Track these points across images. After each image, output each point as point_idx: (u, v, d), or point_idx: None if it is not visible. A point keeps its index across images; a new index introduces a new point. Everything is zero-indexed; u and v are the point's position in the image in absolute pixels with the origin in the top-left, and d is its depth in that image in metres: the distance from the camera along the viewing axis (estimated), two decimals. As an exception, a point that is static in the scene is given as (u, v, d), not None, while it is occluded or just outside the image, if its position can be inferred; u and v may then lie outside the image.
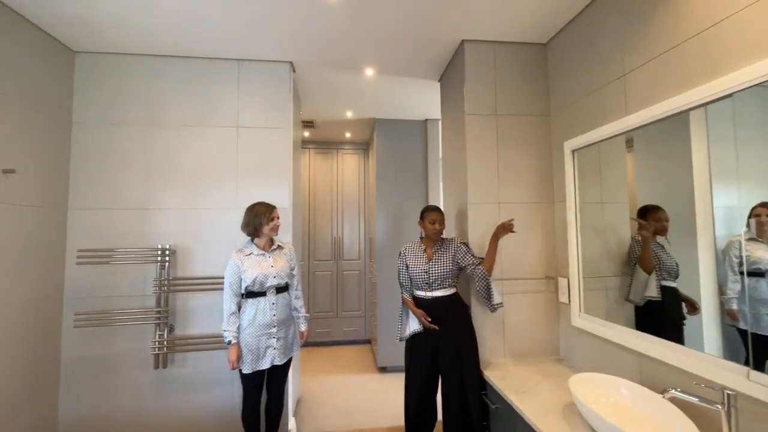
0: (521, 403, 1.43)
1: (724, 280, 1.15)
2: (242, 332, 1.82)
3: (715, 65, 1.14)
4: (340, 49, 2.16)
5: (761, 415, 1.01)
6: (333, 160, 4.35)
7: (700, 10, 1.19)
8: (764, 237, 1.06)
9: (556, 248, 2.01)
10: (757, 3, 1.03)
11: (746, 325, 1.08)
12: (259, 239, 1.92)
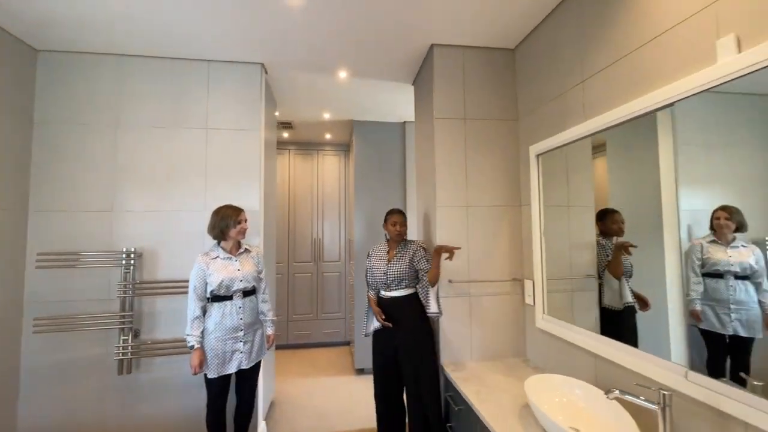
0: (480, 404, 1.45)
1: (686, 281, 1.18)
2: (208, 336, 1.79)
3: (657, 76, 1.18)
4: (311, 52, 2.16)
5: (697, 413, 1.05)
6: (313, 161, 4.34)
7: (644, 23, 1.23)
8: (723, 239, 1.10)
9: (522, 250, 2.04)
10: (690, 18, 1.07)
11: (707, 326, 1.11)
12: (226, 242, 1.90)
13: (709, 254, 1.13)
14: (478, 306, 2.00)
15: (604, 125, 1.41)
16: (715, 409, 1.00)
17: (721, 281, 1.09)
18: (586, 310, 1.59)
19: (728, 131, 1.03)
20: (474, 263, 2.01)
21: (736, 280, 1.07)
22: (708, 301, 1.12)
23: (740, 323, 1.03)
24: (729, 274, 1.07)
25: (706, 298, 1.12)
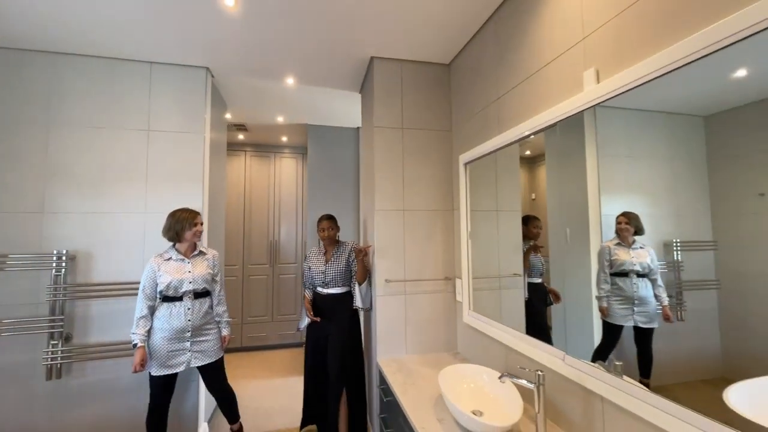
0: (402, 395, 1.57)
1: (597, 280, 1.30)
2: (154, 335, 1.82)
3: (547, 98, 1.35)
4: (256, 59, 2.21)
5: (570, 390, 1.22)
6: (270, 163, 4.34)
7: (538, 52, 1.41)
8: (625, 242, 1.27)
9: (455, 252, 2.19)
10: (566, 52, 1.25)
11: (611, 320, 1.23)
12: (181, 244, 1.93)
13: (616, 255, 1.27)
14: (413, 304, 2.13)
15: (509, 140, 1.59)
16: (582, 386, 1.17)
17: (627, 279, 1.23)
18: (512, 305, 1.75)
19: (644, 144, 1.11)
20: (410, 263, 2.14)
21: (638, 278, 1.20)
22: (615, 297, 1.24)
23: (642, 316, 1.16)
24: (632, 272, 1.20)
25: (614, 294, 1.25)
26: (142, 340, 1.78)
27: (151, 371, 1.81)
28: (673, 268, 1.02)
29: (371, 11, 1.74)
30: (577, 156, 1.31)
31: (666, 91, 0.96)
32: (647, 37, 0.96)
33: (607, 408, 1.09)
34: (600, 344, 1.27)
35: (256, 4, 1.69)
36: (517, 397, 1.28)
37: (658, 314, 1.09)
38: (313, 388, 2.20)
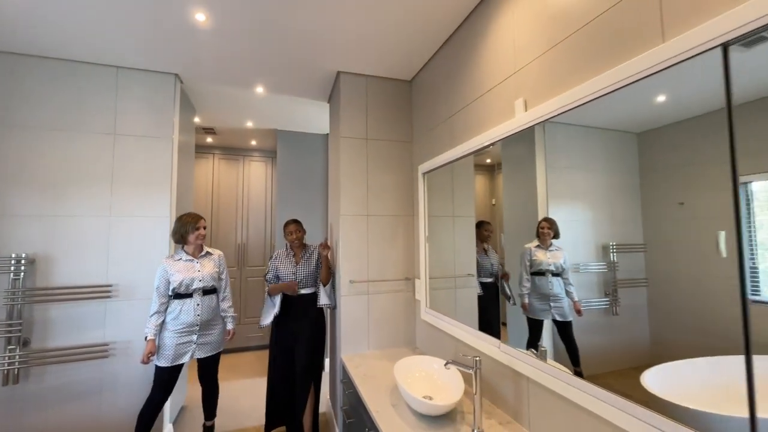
0: (362, 385, 1.71)
1: (520, 279, 1.46)
2: (166, 329, 2.02)
3: (488, 120, 1.56)
4: (226, 68, 2.29)
5: (504, 373, 1.42)
6: (239, 166, 4.35)
7: (481, 79, 1.61)
8: (544, 244, 1.46)
9: (414, 254, 2.37)
10: (502, 83, 1.45)
11: (531, 314, 1.40)
12: (188, 246, 2.14)
13: (536, 256, 1.46)
14: (375, 302, 2.28)
15: (458, 155, 1.78)
16: (513, 369, 1.36)
17: (543, 278, 1.39)
18: (465, 302, 1.92)
19: (584, 156, 1.19)
20: (373, 265, 2.29)
21: (552, 277, 1.37)
22: (535, 295, 1.42)
23: (558, 311, 1.32)
24: (548, 272, 1.37)
25: (534, 292, 1.42)
26: (154, 334, 1.97)
27: (159, 363, 1.99)
28: (610, 268, 1.09)
29: (337, 32, 1.88)
30: (529, 166, 1.40)
31: (599, 110, 1.07)
32: (563, 75, 1.18)
33: (532, 386, 1.29)
34: (529, 337, 1.40)
35: (227, 21, 1.79)
36: (460, 381, 1.46)
37: (571, 308, 1.23)
38: (280, 387, 2.29)
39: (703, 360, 0.80)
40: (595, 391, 1.01)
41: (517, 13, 1.39)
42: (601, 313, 1.11)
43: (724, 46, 0.73)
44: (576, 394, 1.07)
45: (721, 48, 0.73)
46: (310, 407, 2.29)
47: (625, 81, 0.93)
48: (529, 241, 1.43)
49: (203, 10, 1.70)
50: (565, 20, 1.16)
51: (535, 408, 1.27)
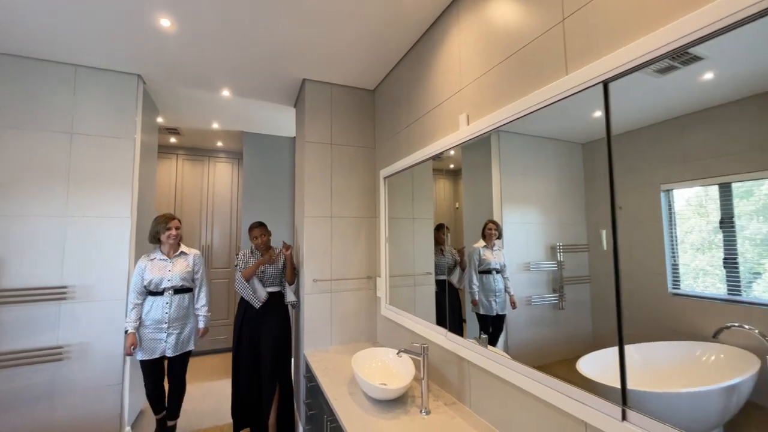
0: (323, 377, 1.82)
1: (469, 278, 1.59)
2: (142, 324, 2.14)
3: (439, 131, 1.72)
4: (191, 72, 2.32)
5: (449, 359, 1.57)
6: (204, 167, 4.31)
7: (434, 93, 1.77)
8: (490, 244, 1.62)
9: (376, 253, 2.50)
10: (450, 98, 1.62)
11: (482, 311, 1.51)
12: (163, 246, 2.23)
13: (484, 256, 1.62)
14: (339, 300, 2.38)
15: (413, 162, 1.94)
16: (457, 355, 1.52)
17: (489, 276, 1.52)
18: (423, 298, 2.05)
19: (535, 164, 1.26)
20: (336, 264, 2.39)
21: (496, 274, 1.50)
22: (483, 291, 1.53)
23: (499, 305, 1.45)
24: (494, 270, 1.51)
25: (482, 289, 1.53)
26: (133, 327, 2.10)
27: (137, 356, 2.13)
28: (557, 267, 1.16)
29: (304, 42, 1.98)
30: (486, 171, 1.47)
31: (546, 122, 1.15)
32: (498, 94, 1.35)
33: (472, 369, 1.45)
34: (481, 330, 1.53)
35: (193, 27, 1.84)
36: (411, 368, 1.60)
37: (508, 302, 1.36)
38: (246, 387, 2.32)
39: (632, 346, 0.90)
40: (524, 369, 1.18)
41: (463, 36, 1.56)
42: (550, 308, 1.19)
43: (605, 83, 0.92)
44: (508, 374, 1.23)
45: (602, 84, 0.92)
46: (275, 407, 2.34)
47: (545, 102, 1.11)
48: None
49: (168, 15, 1.74)
50: (500, 48, 1.33)
51: (475, 389, 1.43)
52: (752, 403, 0.72)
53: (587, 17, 0.99)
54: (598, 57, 0.95)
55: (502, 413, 1.28)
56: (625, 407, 0.86)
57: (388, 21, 1.79)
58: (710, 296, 0.79)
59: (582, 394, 0.96)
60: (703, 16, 0.72)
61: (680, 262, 0.84)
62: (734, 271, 0.76)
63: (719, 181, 0.77)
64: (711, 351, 0.78)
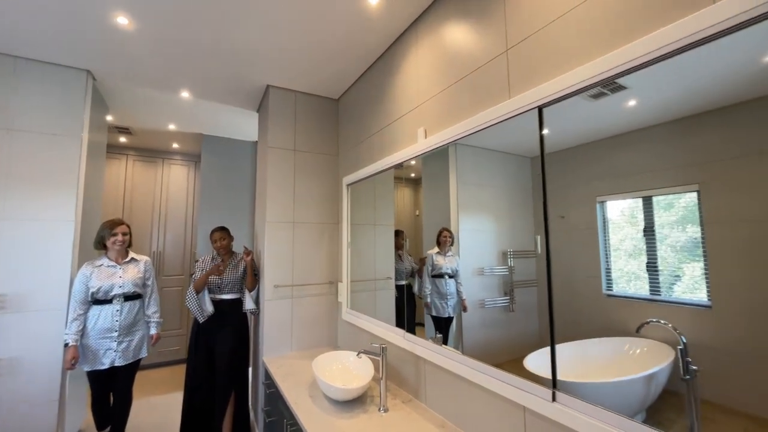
0: (282, 382, 1.82)
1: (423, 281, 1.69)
2: (86, 335, 2.01)
3: (399, 142, 1.82)
4: (148, 72, 2.24)
5: (406, 358, 1.65)
6: (157, 169, 4.10)
7: (395, 106, 1.88)
8: (443, 251, 1.72)
9: (339, 259, 2.54)
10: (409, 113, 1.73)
11: (434, 313, 1.60)
12: (109, 252, 2.13)
13: (437, 261, 1.70)
14: (300, 306, 2.39)
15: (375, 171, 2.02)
16: (414, 354, 1.61)
17: (441, 279, 1.61)
18: (383, 302, 2.11)
19: (489, 175, 1.35)
20: (297, 270, 2.40)
21: (449, 279, 1.59)
22: (435, 294, 1.62)
23: (451, 308, 1.55)
24: (446, 274, 1.60)
25: (434, 292, 1.62)
26: (75, 340, 1.95)
27: (84, 368, 2.01)
28: (508, 271, 1.23)
29: (268, 49, 2.00)
30: (444, 181, 1.54)
31: (498, 137, 1.23)
32: (453, 112, 1.47)
33: (428, 367, 1.54)
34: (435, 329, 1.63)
35: (152, 28, 1.80)
36: (370, 369, 1.66)
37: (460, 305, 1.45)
38: (199, 397, 2.23)
39: (572, 343, 0.99)
40: (475, 363, 1.28)
41: (421, 57, 1.68)
42: (502, 310, 1.26)
43: (539, 108, 1.06)
44: (461, 369, 1.33)
45: (537, 109, 1.06)
46: (230, 416, 2.28)
47: (492, 121, 1.23)
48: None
49: (127, 14, 1.70)
50: (454, 69, 1.46)
51: (430, 385, 1.52)
52: (668, 390, 0.81)
53: (526, 50, 1.13)
54: (535, 85, 1.09)
55: (454, 406, 1.38)
56: (555, 390, 0.98)
57: (352, 37, 1.87)
58: (637, 296, 0.89)
59: (522, 381, 1.08)
60: (615, 56, 0.87)
61: (612, 267, 0.93)
62: (655, 274, 0.86)
63: (643, 194, 0.87)
64: (637, 345, 0.88)
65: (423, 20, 1.68)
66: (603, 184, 0.95)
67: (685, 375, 0.78)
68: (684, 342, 0.79)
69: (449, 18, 1.50)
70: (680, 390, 0.79)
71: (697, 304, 0.78)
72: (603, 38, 0.92)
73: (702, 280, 0.78)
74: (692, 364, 0.77)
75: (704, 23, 0.72)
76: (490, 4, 1.29)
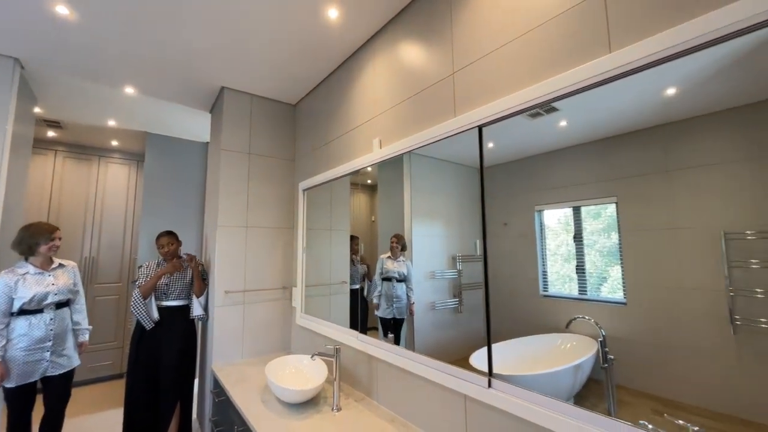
0: (233, 389, 1.79)
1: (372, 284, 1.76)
2: (13, 348, 1.85)
3: (355, 151, 1.90)
4: (89, 64, 2.10)
5: (358, 358, 1.72)
6: (92, 167, 3.78)
7: (351, 116, 1.96)
8: (393, 256, 1.79)
9: (293, 264, 2.54)
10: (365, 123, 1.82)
11: (381, 314, 1.67)
12: (35, 258, 1.98)
13: (387, 265, 1.76)
14: (252, 312, 2.35)
15: (331, 177, 2.08)
16: (367, 354, 1.67)
17: (389, 283, 1.68)
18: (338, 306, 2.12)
19: (441, 184, 1.42)
20: (250, 275, 2.36)
21: (397, 283, 1.67)
22: (384, 297, 1.69)
23: (398, 311, 1.62)
24: (394, 278, 1.68)
25: (383, 295, 1.69)
26: (0, 356, 1.80)
27: (7, 384, 1.83)
28: (457, 275, 1.29)
29: (224, 52, 1.98)
30: (399, 188, 1.61)
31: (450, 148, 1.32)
32: (406, 125, 1.58)
33: (380, 366, 1.61)
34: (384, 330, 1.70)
35: (95, 20, 1.71)
36: (324, 370, 1.70)
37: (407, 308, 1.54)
38: (141, 411, 2.10)
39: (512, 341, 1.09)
40: (422, 359, 1.37)
41: (377, 72, 1.78)
42: (451, 311, 1.32)
43: (479, 127, 1.20)
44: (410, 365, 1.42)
45: (477, 128, 1.20)
46: (175, 427, 2.17)
47: (441, 136, 1.35)
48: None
49: (67, 3, 1.60)
50: (408, 86, 1.58)
51: (382, 383, 1.59)
52: (592, 379, 0.91)
53: (470, 75, 1.27)
54: (476, 106, 1.23)
55: (404, 402, 1.46)
56: (491, 377, 1.11)
57: (310, 47, 1.93)
58: (568, 296, 0.98)
59: (463, 372, 1.19)
60: (541, 87, 1.03)
61: (549, 270, 1.02)
62: (583, 276, 0.95)
63: (573, 204, 0.97)
64: (568, 340, 0.98)
65: (380, 37, 1.78)
66: (540, 194, 1.05)
67: (604, 364, 0.89)
68: (603, 335, 0.90)
69: (404, 38, 1.62)
70: (601, 378, 0.89)
71: (616, 302, 0.89)
72: (533, 70, 1.07)
73: (620, 281, 0.88)
74: (609, 354, 0.88)
75: (601, 68, 0.89)
76: (440, 31, 1.42)
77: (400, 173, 1.59)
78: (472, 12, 1.29)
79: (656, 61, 0.80)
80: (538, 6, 1.07)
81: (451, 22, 1.37)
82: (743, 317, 0.70)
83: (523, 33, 1.10)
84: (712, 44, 0.73)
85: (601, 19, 0.91)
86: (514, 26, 1.13)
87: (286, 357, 1.90)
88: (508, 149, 1.14)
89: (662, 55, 0.79)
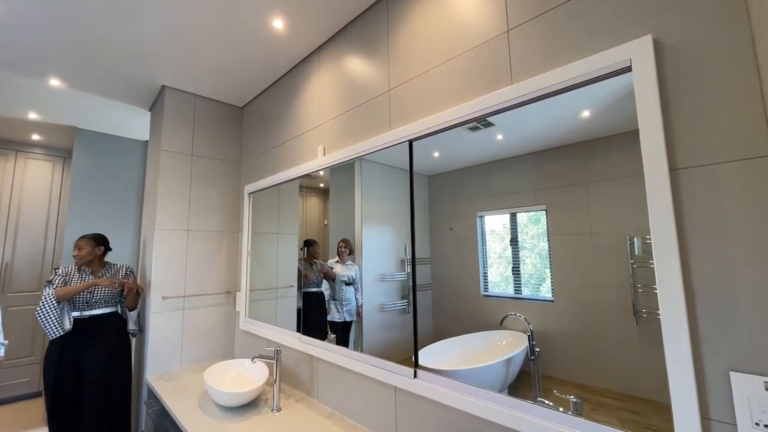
0: (169, 397, 1.74)
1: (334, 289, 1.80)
2: None
3: (301, 156, 1.95)
4: (6, 50, 1.93)
5: (300, 359, 1.76)
6: (8, 163, 3.40)
7: (297, 122, 2.00)
8: (342, 260, 1.84)
9: (238, 268, 2.51)
10: (311, 130, 1.88)
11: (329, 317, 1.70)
12: None
13: (336, 269, 1.88)
14: (192, 317, 2.28)
15: (278, 181, 2.10)
16: (308, 354, 1.72)
17: (337, 286, 1.76)
18: (285, 309, 2.11)
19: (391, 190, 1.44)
20: (191, 279, 2.29)
21: (346, 286, 1.73)
22: (332, 300, 1.75)
23: (347, 313, 1.68)
24: (342, 282, 1.74)
25: (331, 298, 1.74)
26: None
27: None
28: (406, 277, 1.33)
29: (164, 53, 1.93)
30: (350, 193, 1.64)
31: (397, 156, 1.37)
32: (348, 134, 1.66)
33: (320, 365, 1.67)
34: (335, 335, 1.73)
35: (18, 4, 1.59)
36: (266, 372, 1.72)
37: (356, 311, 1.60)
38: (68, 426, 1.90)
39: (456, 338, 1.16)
40: (358, 355, 1.45)
41: (323, 81, 1.85)
42: (400, 312, 1.36)
43: (410, 141, 1.31)
44: (347, 362, 1.49)
45: (408, 142, 1.32)
46: None
47: (377, 147, 1.45)
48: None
49: (-19, -11, 1.48)
50: (350, 97, 1.66)
51: (322, 382, 1.65)
52: (524, 370, 1.00)
53: (403, 93, 1.39)
54: (407, 122, 1.35)
55: (342, 398, 1.54)
56: (416, 369, 1.22)
57: (256, 54, 1.94)
58: (505, 295, 1.06)
59: (393, 366, 1.29)
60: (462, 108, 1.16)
61: (489, 271, 1.09)
62: (518, 277, 1.03)
63: (510, 211, 1.07)
64: (504, 336, 1.06)
65: (325, 49, 1.85)
66: (482, 201, 1.12)
67: (531, 356, 0.98)
68: (531, 330, 0.99)
69: (348, 52, 1.70)
70: (531, 369, 0.98)
71: (545, 299, 0.98)
72: (456, 91, 1.21)
73: (549, 280, 0.98)
74: (537, 347, 0.97)
75: (506, 96, 1.04)
76: (378, 49, 1.53)
77: (351, 178, 1.63)
78: (406, 36, 1.41)
79: (547, 94, 0.96)
80: (459, 36, 1.21)
81: (387, 44, 1.48)
82: (643, 310, 0.81)
83: (448, 59, 1.24)
84: (589, 83, 0.89)
85: (505, 55, 1.07)
86: (440, 52, 1.27)
87: (227, 361, 1.88)
88: (451, 159, 1.21)
89: (552, 89, 0.95)
